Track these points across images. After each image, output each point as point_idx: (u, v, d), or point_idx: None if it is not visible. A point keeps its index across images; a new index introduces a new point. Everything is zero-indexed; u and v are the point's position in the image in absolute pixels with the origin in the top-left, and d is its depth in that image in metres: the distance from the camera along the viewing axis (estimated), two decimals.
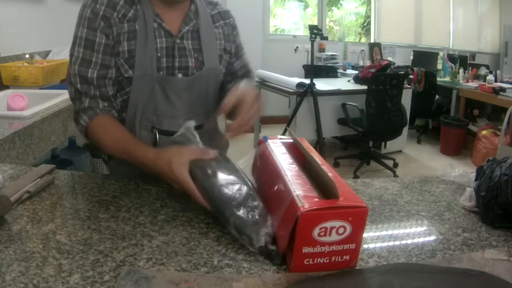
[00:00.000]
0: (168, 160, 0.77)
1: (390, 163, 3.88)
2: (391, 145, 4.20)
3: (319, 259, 0.61)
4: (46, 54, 2.51)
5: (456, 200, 0.92)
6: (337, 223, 0.59)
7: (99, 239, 0.69)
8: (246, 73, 1.15)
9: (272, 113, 5.14)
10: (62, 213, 0.77)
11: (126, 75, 0.95)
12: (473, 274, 0.62)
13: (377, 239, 0.75)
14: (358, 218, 0.60)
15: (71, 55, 0.95)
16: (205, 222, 0.77)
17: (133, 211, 0.80)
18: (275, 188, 0.69)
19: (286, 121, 3.78)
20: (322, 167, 0.68)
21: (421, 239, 0.75)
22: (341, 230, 0.60)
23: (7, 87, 2.01)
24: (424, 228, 0.80)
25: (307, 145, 0.82)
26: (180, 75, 0.98)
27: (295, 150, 0.84)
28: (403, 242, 0.74)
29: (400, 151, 4.39)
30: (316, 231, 0.59)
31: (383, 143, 4.17)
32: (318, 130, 3.56)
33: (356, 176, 3.62)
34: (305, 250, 0.60)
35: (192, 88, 1.00)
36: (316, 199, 0.61)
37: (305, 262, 0.61)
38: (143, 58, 0.94)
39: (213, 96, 1.05)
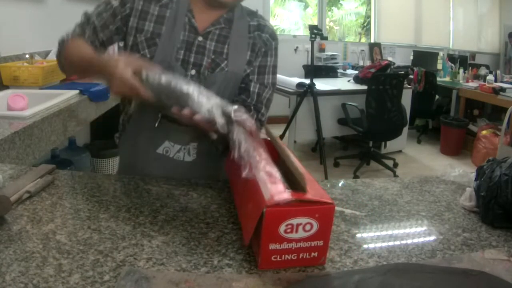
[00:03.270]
0: (118, 59, 0.82)
1: (390, 163, 3.88)
2: (391, 145, 4.20)
3: (286, 255, 0.61)
4: (46, 54, 2.51)
5: (456, 200, 0.92)
6: (303, 220, 0.59)
7: (99, 239, 0.69)
8: (256, 112, 1.08)
9: (272, 113, 5.13)
10: (62, 213, 0.77)
11: (141, 53, 1.00)
12: (473, 274, 0.62)
13: (377, 239, 0.75)
14: (325, 215, 0.60)
15: (96, 6, 1.05)
16: (205, 222, 0.77)
17: (133, 211, 0.80)
18: (246, 183, 0.69)
19: (286, 121, 3.78)
20: (294, 163, 0.68)
21: (421, 239, 0.75)
22: (308, 227, 0.60)
23: (7, 87, 2.01)
24: (424, 228, 0.80)
25: (281, 143, 0.82)
26: (193, 71, 1.01)
27: (271, 148, 0.84)
28: (403, 242, 0.74)
29: (400, 151, 4.39)
30: (282, 228, 0.59)
31: (383, 143, 4.17)
32: (318, 130, 3.56)
33: (356, 176, 3.62)
34: (272, 246, 0.60)
35: (205, 86, 1.02)
36: (284, 192, 0.61)
37: (272, 258, 0.61)
38: (166, 45, 0.99)
39: (229, 99, 1.04)
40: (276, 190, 0.61)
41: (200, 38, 1.01)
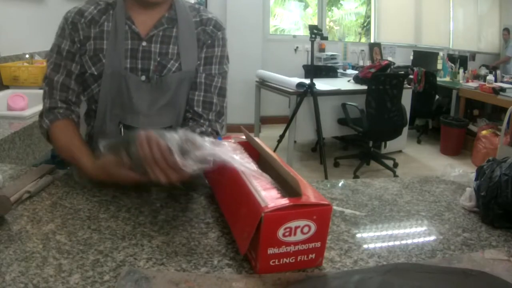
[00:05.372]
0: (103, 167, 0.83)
1: (390, 163, 3.88)
2: (391, 145, 4.20)
3: (285, 259, 0.61)
4: (46, 54, 2.51)
5: (456, 200, 0.92)
6: (301, 223, 0.59)
7: (99, 239, 0.69)
8: (207, 121, 1.03)
9: (272, 113, 5.14)
10: (62, 213, 0.77)
11: (89, 72, 0.99)
12: (473, 274, 0.62)
13: (377, 239, 0.75)
14: (323, 216, 0.60)
15: (47, 61, 1.04)
16: (205, 222, 0.77)
17: (133, 211, 0.80)
18: (235, 188, 0.68)
19: (286, 121, 3.77)
20: (283, 166, 0.68)
21: (421, 239, 0.75)
22: (305, 229, 0.60)
23: (7, 87, 2.02)
24: (424, 228, 0.80)
25: (263, 144, 0.82)
26: (143, 77, 1.00)
27: (250, 149, 0.84)
28: (403, 242, 0.74)
29: (400, 151, 4.39)
30: (280, 232, 0.59)
31: (383, 143, 4.17)
32: (318, 130, 3.56)
33: (356, 176, 3.62)
34: (270, 251, 0.60)
35: (157, 89, 1.01)
36: (279, 198, 0.60)
37: (271, 263, 0.61)
38: (113, 57, 0.98)
39: (185, 98, 1.05)
40: (271, 196, 0.61)
41: (144, 43, 0.99)
